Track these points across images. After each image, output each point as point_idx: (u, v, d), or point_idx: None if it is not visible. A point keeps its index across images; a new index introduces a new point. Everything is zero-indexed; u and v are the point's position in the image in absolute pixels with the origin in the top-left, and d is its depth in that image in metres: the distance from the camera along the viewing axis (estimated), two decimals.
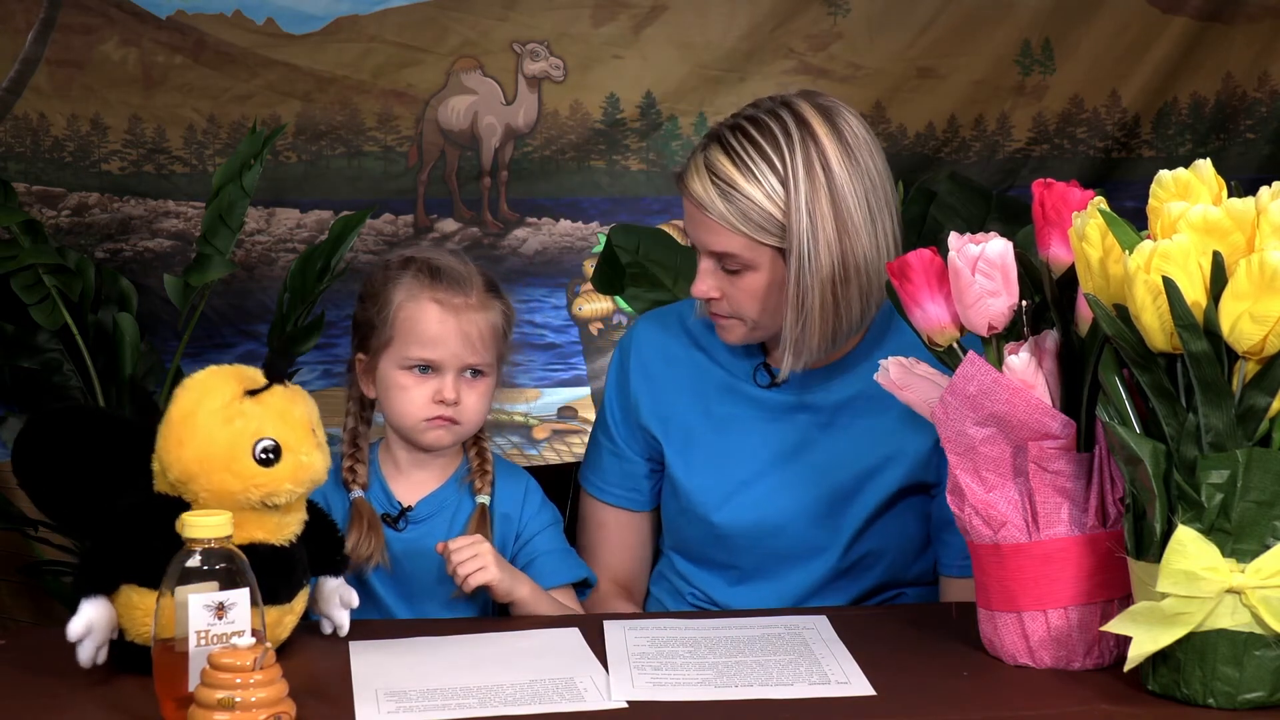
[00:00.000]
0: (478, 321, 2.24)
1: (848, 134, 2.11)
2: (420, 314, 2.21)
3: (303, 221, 3.64)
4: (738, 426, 2.26)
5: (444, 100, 3.64)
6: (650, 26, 3.66)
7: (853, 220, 2.09)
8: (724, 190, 2.10)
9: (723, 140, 2.12)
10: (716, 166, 2.11)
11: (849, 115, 2.14)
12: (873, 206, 2.10)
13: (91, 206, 3.59)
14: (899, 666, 1.86)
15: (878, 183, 2.12)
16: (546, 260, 3.70)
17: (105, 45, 3.56)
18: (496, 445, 3.67)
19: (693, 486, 2.26)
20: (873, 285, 2.12)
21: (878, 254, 2.11)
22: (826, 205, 2.08)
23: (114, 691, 1.78)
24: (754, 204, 2.09)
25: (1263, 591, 1.66)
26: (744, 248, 2.11)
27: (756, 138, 2.10)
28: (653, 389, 2.31)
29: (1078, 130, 3.74)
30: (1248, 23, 3.75)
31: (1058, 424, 1.80)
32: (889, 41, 3.68)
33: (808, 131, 2.09)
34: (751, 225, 2.10)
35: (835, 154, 2.09)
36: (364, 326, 2.25)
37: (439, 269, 2.24)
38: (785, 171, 2.08)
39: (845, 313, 2.12)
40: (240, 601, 1.69)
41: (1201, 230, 1.63)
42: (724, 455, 2.26)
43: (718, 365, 2.28)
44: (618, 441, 2.33)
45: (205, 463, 1.85)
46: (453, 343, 2.21)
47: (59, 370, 3.41)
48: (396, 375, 2.22)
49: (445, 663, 1.88)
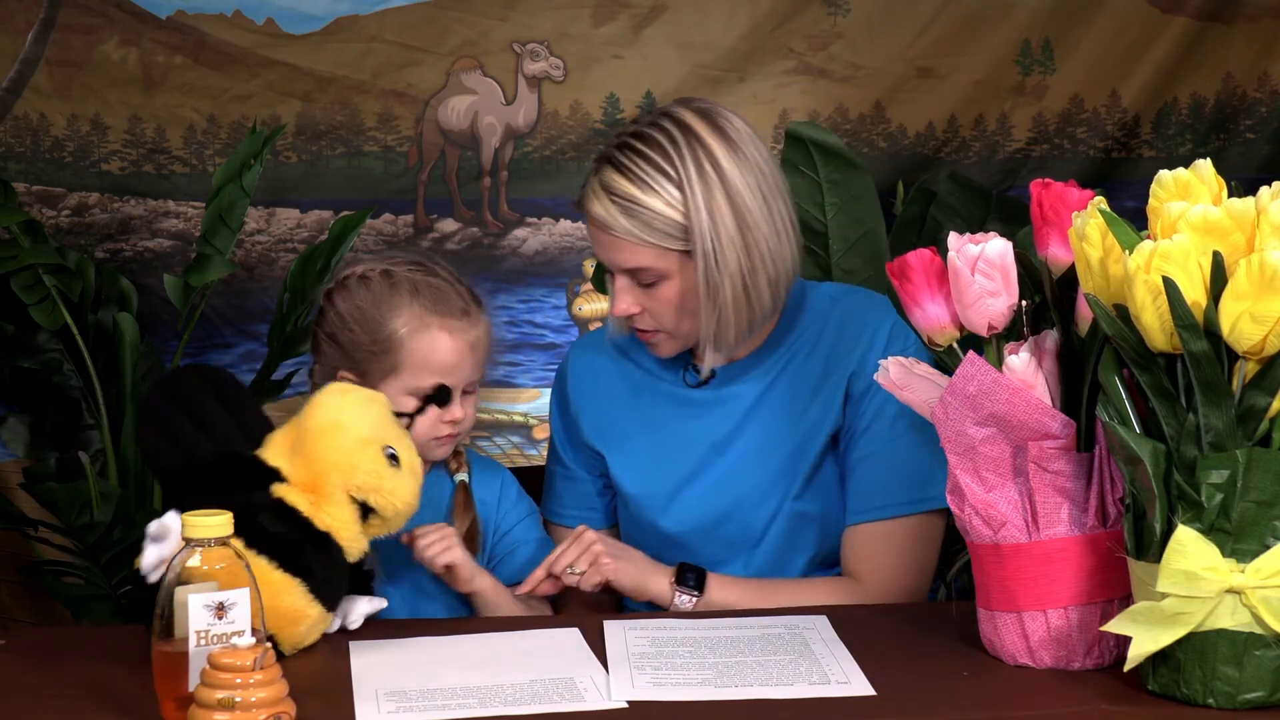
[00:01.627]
0: (481, 340, 2.29)
1: (730, 130, 2.19)
2: (433, 346, 2.24)
3: (303, 221, 3.64)
4: (672, 426, 2.31)
5: (444, 100, 3.64)
6: (650, 26, 3.66)
7: (750, 213, 2.17)
8: (624, 207, 2.17)
9: (613, 160, 2.19)
10: (613, 186, 2.17)
11: (728, 113, 2.22)
12: (766, 195, 2.19)
13: (91, 206, 3.59)
14: (899, 666, 1.86)
15: (767, 171, 2.20)
16: (546, 260, 3.70)
17: (105, 45, 3.56)
18: (496, 445, 3.69)
19: (637, 492, 2.31)
20: (779, 271, 2.20)
21: (779, 240, 2.19)
22: (723, 202, 2.16)
23: (114, 691, 1.78)
24: (655, 214, 2.16)
25: (1263, 591, 1.66)
26: (654, 258, 2.18)
27: (646, 151, 2.17)
28: (589, 406, 2.36)
29: (1078, 130, 3.74)
30: (1248, 23, 3.75)
31: (1058, 424, 1.80)
32: (889, 41, 3.68)
33: (692, 135, 2.17)
34: (657, 234, 2.16)
35: (722, 152, 2.17)
36: (354, 349, 2.25)
37: (438, 292, 2.26)
38: (679, 176, 2.16)
39: (758, 302, 2.19)
40: (240, 601, 1.69)
41: (1201, 230, 1.63)
42: (663, 456, 2.30)
43: (646, 372, 2.34)
44: (568, 464, 2.38)
45: (350, 429, 1.99)
46: (466, 367, 2.26)
47: (59, 370, 3.41)
48: (403, 400, 2.24)
49: (445, 663, 1.88)
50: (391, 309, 2.24)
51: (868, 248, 3.16)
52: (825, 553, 2.29)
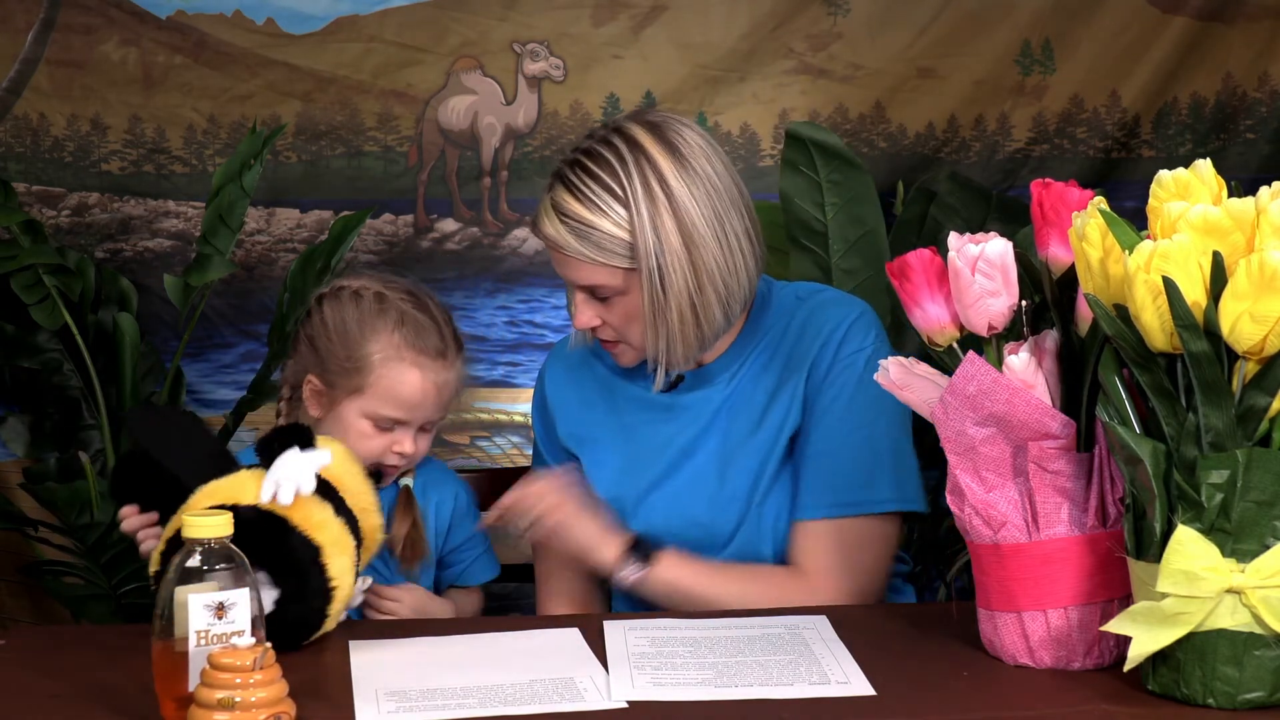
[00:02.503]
0: (450, 383, 2.33)
1: (681, 145, 2.18)
2: (402, 379, 2.27)
3: (303, 221, 3.64)
4: (642, 431, 2.32)
5: (444, 100, 3.64)
6: (650, 26, 3.66)
7: (698, 231, 2.15)
8: (573, 228, 2.17)
9: (564, 179, 2.19)
10: (563, 206, 2.18)
11: (681, 126, 2.20)
12: (719, 211, 2.17)
13: (91, 206, 3.59)
14: (899, 666, 1.86)
15: (720, 186, 2.18)
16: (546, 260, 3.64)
17: (105, 45, 3.56)
18: (496, 445, 3.69)
19: (608, 496, 2.31)
20: (730, 287, 2.19)
21: (730, 255, 2.18)
22: (669, 220, 2.15)
23: (114, 691, 1.78)
24: (604, 234, 2.16)
25: (1263, 591, 1.66)
26: (606, 276, 2.18)
27: (594, 169, 2.17)
28: (565, 411, 2.37)
29: (1078, 130, 3.74)
30: (1248, 23, 3.75)
31: (1058, 424, 1.80)
32: (889, 41, 3.68)
33: (640, 152, 2.16)
34: (607, 254, 2.17)
35: (670, 168, 2.16)
36: (328, 359, 2.29)
37: (422, 328, 2.29)
38: (625, 195, 2.15)
39: (706, 320, 2.19)
40: (240, 601, 1.69)
41: (1201, 230, 1.63)
42: (633, 461, 2.31)
43: (618, 377, 2.35)
44: (550, 466, 2.38)
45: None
46: (428, 406, 2.30)
47: (59, 370, 3.41)
48: (359, 422, 2.29)
49: (445, 663, 1.88)
50: (373, 331, 2.27)
51: (868, 248, 3.16)
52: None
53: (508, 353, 3.67)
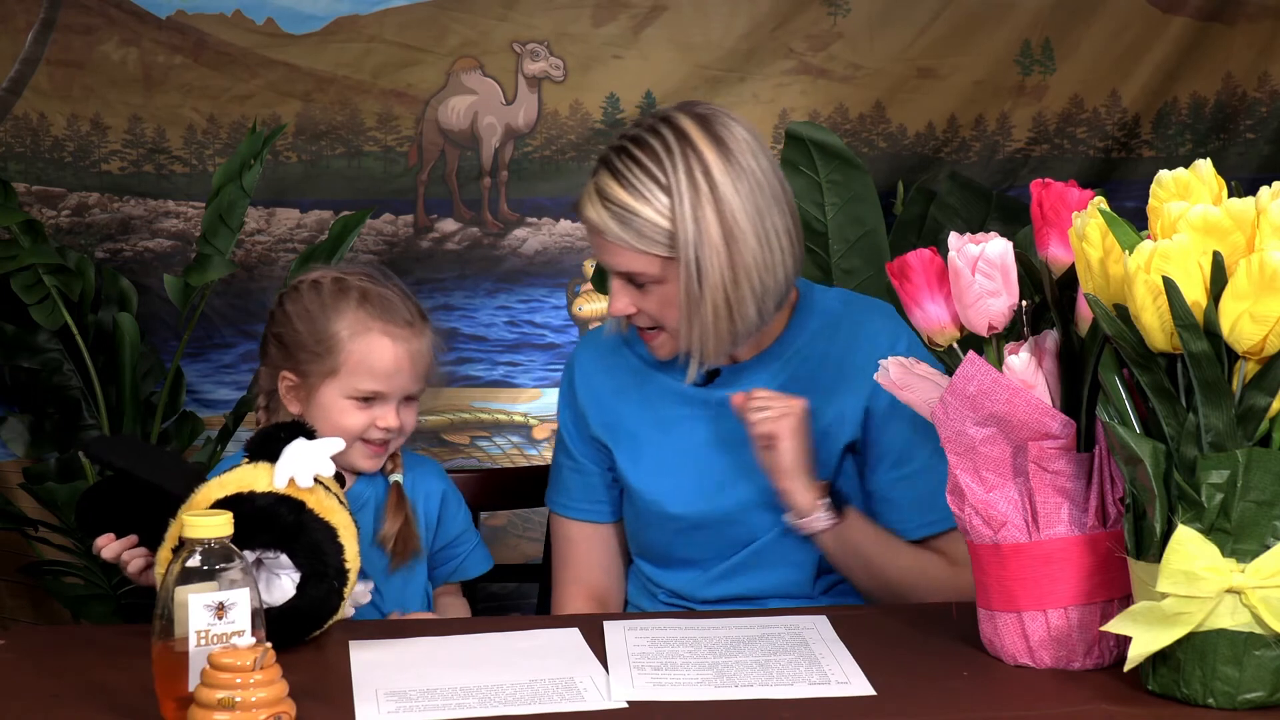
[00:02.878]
0: (422, 350, 2.33)
1: (728, 138, 2.18)
2: (372, 348, 2.28)
3: (303, 221, 3.64)
4: (681, 426, 2.32)
5: (444, 100, 3.64)
6: (650, 26, 3.66)
7: (739, 225, 2.16)
8: (616, 213, 2.17)
9: (610, 165, 2.20)
10: (607, 191, 2.18)
11: (728, 120, 2.21)
12: (760, 207, 2.17)
13: (91, 206, 3.59)
14: (899, 666, 1.86)
15: (763, 182, 2.18)
16: (546, 260, 3.70)
17: (105, 45, 3.56)
18: (496, 445, 3.69)
19: (645, 488, 2.31)
20: (766, 284, 2.19)
21: (768, 253, 2.18)
22: (711, 213, 2.15)
23: (114, 691, 1.78)
24: (646, 221, 2.16)
25: (1263, 591, 1.66)
26: (646, 264, 2.18)
27: (640, 157, 2.17)
28: (597, 400, 2.36)
29: (1078, 130, 3.74)
30: (1248, 23, 3.75)
31: (1058, 424, 1.80)
32: (889, 41, 3.68)
33: (687, 143, 2.17)
34: (647, 242, 2.17)
35: (715, 161, 2.16)
36: (297, 350, 2.30)
37: (383, 300, 2.31)
38: (669, 183, 2.15)
39: (740, 316, 2.19)
40: (240, 601, 1.69)
41: (1201, 230, 1.63)
42: (671, 455, 2.31)
43: (655, 369, 2.34)
44: (576, 457, 2.38)
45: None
46: (404, 375, 2.30)
47: (59, 370, 3.41)
48: (339, 403, 2.29)
49: (445, 663, 1.88)
50: (337, 312, 2.29)
51: (868, 248, 3.16)
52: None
53: (508, 353, 3.67)
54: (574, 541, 2.39)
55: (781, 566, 2.29)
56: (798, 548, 2.27)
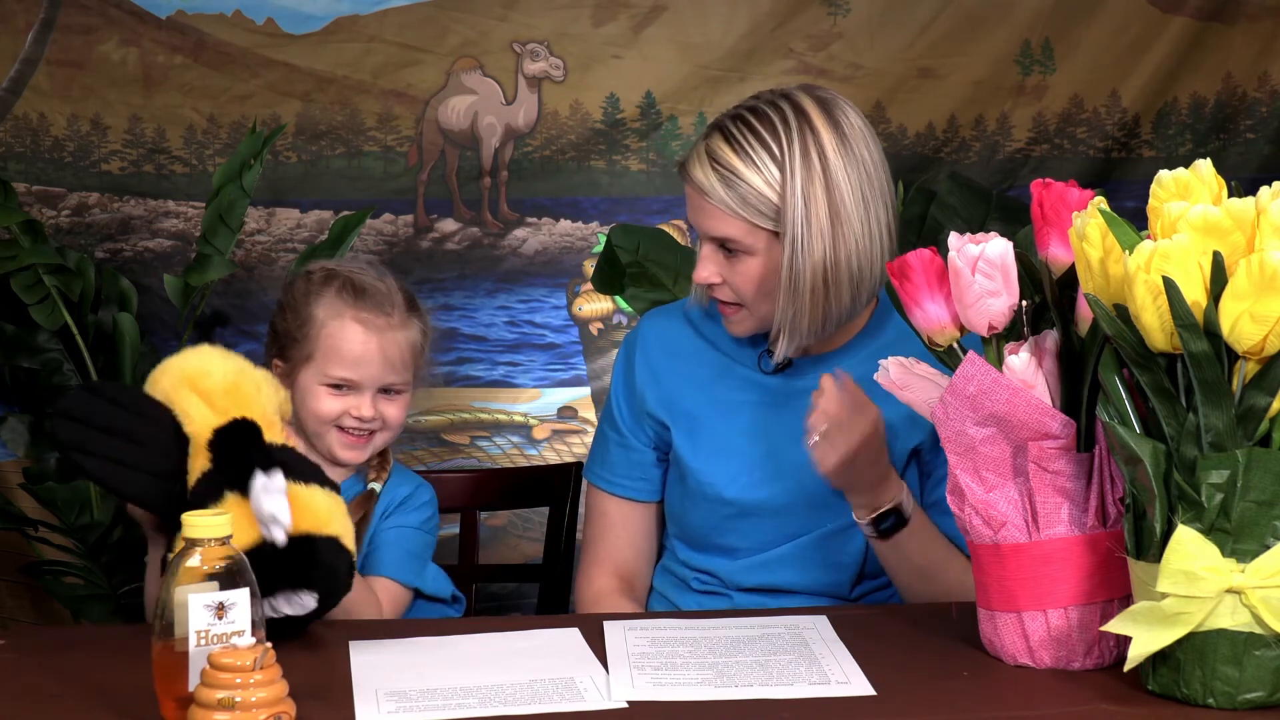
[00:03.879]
0: (398, 341, 2.32)
1: (845, 124, 2.18)
2: (343, 334, 2.30)
3: (303, 221, 3.64)
4: (743, 412, 2.30)
5: (444, 100, 3.63)
6: (650, 26, 3.65)
7: (845, 207, 2.15)
8: (724, 176, 2.17)
9: (724, 129, 2.19)
10: (718, 154, 2.18)
11: (846, 107, 2.21)
12: (867, 197, 2.17)
13: (91, 206, 3.59)
14: (899, 666, 1.86)
15: (873, 173, 2.19)
16: (546, 260, 3.69)
17: (105, 45, 3.56)
18: (496, 445, 3.68)
19: (700, 467, 2.30)
20: (864, 274, 2.18)
21: (870, 242, 2.18)
22: (821, 191, 2.15)
23: (114, 691, 1.78)
24: (752, 189, 2.16)
25: (1263, 591, 1.66)
26: (743, 233, 2.17)
27: (756, 126, 2.17)
28: (658, 379, 2.35)
29: (1078, 130, 3.74)
30: (1248, 23, 3.74)
31: (1058, 424, 1.80)
32: (889, 41, 3.68)
33: (805, 121, 2.16)
34: (750, 210, 2.16)
35: (831, 143, 2.16)
36: (284, 336, 2.34)
37: (363, 289, 2.33)
38: (782, 157, 2.15)
39: (835, 299, 2.18)
40: (240, 601, 1.69)
41: (1201, 230, 1.63)
42: (731, 439, 2.29)
43: (721, 353, 2.33)
44: (625, 433, 2.37)
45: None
46: (374, 364, 2.30)
47: (59, 370, 3.41)
48: (314, 388, 2.31)
49: (445, 663, 1.88)
50: (318, 298, 2.33)
51: None
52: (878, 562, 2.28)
53: (508, 353, 3.67)
54: (610, 517, 2.37)
55: (822, 567, 2.28)
56: (842, 549, 2.27)
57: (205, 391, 2.02)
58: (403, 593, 2.31)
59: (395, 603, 2.30)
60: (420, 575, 2.33)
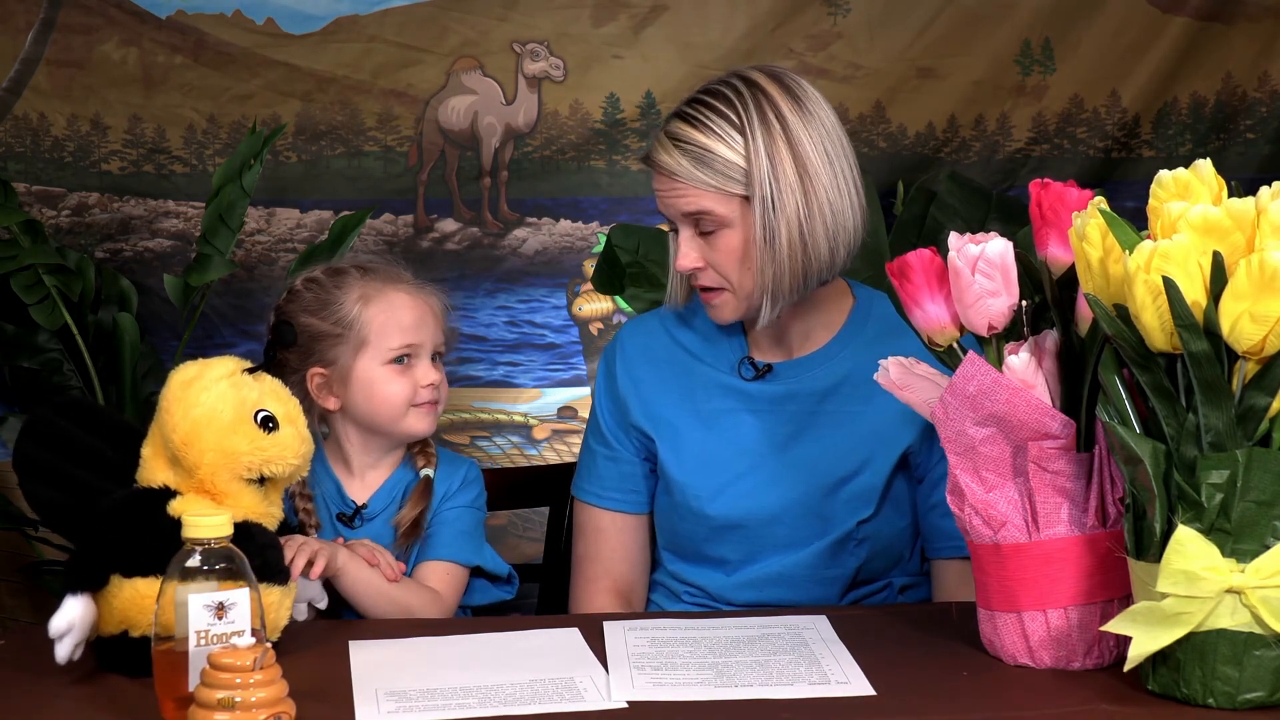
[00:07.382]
0: (436, 306, 2.35)
1: (797, 90, 2.23)
2: (393, 305, 2.31)
3: (303, 221, 3.64)
4: (726, 420, 2.30)
5: (444, 100, 3.63)
6: (650, 26, 3.65)
7: (811, 162, 2.19)
8: (688, 152, 2.20)
9: (682, 114, 2.25)
10: (679, 134, 2.22)
11: (797, 77, 2.26)
12: (830, 153, 2.20)
13: (91, 206, 3.59)
14: (899, 666, 1.86)
15: (832, 131, 2.22)
16: (546, 260, 3.69)
17: (105, 45, 3.56)
18: (496, 445, 3.68)
19: (685, 480, 2.29)
20: (839, 225, 2.20)
21: (839, 196, 2.20)
22: (784, 148, 2.18)
23: (113, 691, 1.78)
24: (718, 157, 2.19)
25: (1263, 591, 1.66)
26: (715, 202, 2.19)
27: (712, 102, 2.23)
28: (639, 389, 2.35)
29: (1078, 130, 3.74)
30: (1248, 23, 3.74)
31: (1058, 424, 1.80)
32: (889, 41, 3.68)
33: (758, 90, 2.21)
34: (719, 177, 2.19)
35: (787, 105, 2.20)
36: (318, 341, 2.30)
37: (376, 268, 2.35)
38: (742, 123, 2.19)
39: (814, 252, 2.19)
40: (240, 601, 1.69)
41: (1201, 230, 1.63)
42: (714, 450, 2.29)
43: (701, 362, 2.33)
44: (613, 445, 2.36)
45: (213, 423, 1.90)
46: (429, 323, 2.33)
47: (59, 370, 3.41)
48: (379, 371, 2.29)
49: (445, 663, 1.88)
50: (343, 291, 2.32)
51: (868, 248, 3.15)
52: (876, 566, 2.28)
53: (508, 353, 3.67)
54: (604, 532, 2.37)
55: (813, 583, 2.27)
56: (831, 564, 2.26)
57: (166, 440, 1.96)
58: (461, 573, 2.31)
59: (454, 584, 2.30)
60: (479, 553, 2.34)
